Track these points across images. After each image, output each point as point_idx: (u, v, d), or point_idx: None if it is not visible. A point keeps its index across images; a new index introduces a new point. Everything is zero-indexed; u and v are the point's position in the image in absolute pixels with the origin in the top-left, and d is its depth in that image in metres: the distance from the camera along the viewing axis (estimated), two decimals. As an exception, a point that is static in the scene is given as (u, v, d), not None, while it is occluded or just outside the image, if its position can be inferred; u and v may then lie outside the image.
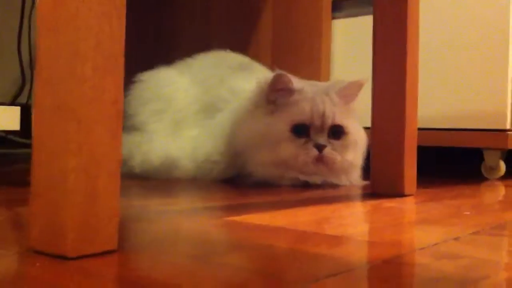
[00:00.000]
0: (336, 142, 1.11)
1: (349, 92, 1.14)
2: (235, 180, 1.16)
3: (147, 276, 0.44)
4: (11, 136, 1.84)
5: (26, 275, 0.45)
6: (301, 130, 1.09)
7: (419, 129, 1.02)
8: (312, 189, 1.08)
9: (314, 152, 1.08)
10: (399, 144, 0.98)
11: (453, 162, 1.92)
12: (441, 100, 1.43)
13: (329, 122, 1.10)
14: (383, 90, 0.99)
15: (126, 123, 1.32)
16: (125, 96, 1.33)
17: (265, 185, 1.10)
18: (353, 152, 1.14)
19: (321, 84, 1.19)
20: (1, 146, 1.84)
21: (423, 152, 1.19)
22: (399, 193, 0.97)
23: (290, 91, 1.11)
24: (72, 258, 0.47)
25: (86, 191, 0.48)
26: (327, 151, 1.08)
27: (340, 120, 1.11)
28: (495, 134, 1.34)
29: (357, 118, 1.17)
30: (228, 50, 1.43)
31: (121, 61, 0.50)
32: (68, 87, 0.47)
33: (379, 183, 1.00)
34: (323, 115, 1.09)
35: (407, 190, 0.98)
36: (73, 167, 0.47)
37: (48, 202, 0.49)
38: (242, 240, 0.59)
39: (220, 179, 1.19)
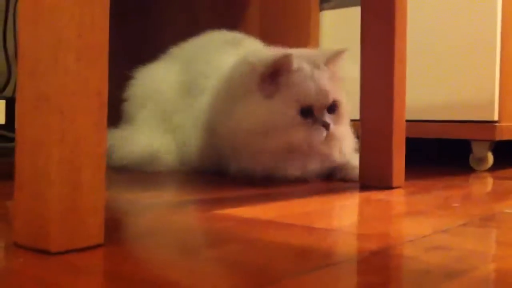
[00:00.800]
0: (333, 117, 1.08)
1: (333, 61, 1.09)
2: (222, 173, 1.13)
3: (134, 270, 0.44)
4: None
5: (9, 270, 0.44)
6: (307, 111, 1.05)
7: (407, 121, 1.02)
8: (300, 181, 1.08)
9: (324, 132, 1.04)
10: (387, 136, 0.97)
11: (441, 153, 1.92)
12: (429, 91, 1.43)
13: (330, 99, 1.06)
14: (371, 82, 0.99)
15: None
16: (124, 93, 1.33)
17: (264, 179, 1.04)
18: (345, 124, 1.12)
19: (306, 53, 1.11)
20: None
21: (412, 143, 1.19)
22: (387, 185, 0.97)
23: (290, 71, 1.04)
24: (57, 253, 0.46)
25: (70, 184, 0.47)
26: (333, 128, 1.06)
27: (336, 95, 1.08)
28: (483, 126, 1.35)
29: (341, 85, 1.12)
30: (223, 30, 1.39)
31: (105, 52, 0.49)
32: (50, 78, 0.46)
33: (368, 175, 1.00)
34: (326, 94, 1.05)
35: (395, 182, 0.98)
36: (56, 159, 0.46)
37: (31, 195, 0.48)
38: (230, 234, 0.58)
39: (201, 170, 1.17)
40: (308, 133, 1.04)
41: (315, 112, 1.05)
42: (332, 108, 1.08)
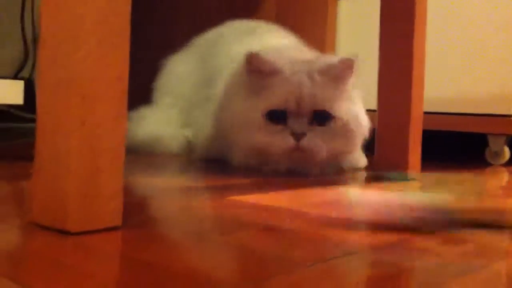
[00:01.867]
0: (320, 129, 0.96)
1: (337, 71, 0.98)
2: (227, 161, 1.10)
3: (149, 254, 0.44)
4: (13, 110, 1.84)
5: (27, 249, 0.45)
6: (277, 116, 0.96)
7: (424, 113, 1.01)
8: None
9: (290, 141, 0.94)
10: (404, 128, 0.97)
11: (457, 146, 1.91)
12: (446, 84, 1.42)
13: (309, 106, 0.95)
14: (389, 73, 0.98)
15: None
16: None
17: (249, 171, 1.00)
18: (344, 139, 0.98)
19: (307, 58, 1.04)
20: (5, 120, 1.84)
21: (428, 136, 1.18)
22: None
23: (266, 72, 0.98)
24: (75, 233, 0.47)
25: (89, 167, 0.48)
26: (306, 139, 0.94)
27: (324, 103, 0.96)
28: (500, 119, 1.34)
29: (356, 99, 1.02)
30: (247, 19, 1.39)
31: (126, 36, 0.49)
32: (72, 62, 0.47)
33: (383, 166, 1.00)
34: (300, 99, 0.95)
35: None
36: (77, 142, 0.47)
37: (51, 176, 0.48)
38: (245, 220, 0.59)
39: (207, 159, 1.16)
40: (270, 138, 0.96)
41: (288, 119, 0.96)
42: (321, 119, 0.97)
